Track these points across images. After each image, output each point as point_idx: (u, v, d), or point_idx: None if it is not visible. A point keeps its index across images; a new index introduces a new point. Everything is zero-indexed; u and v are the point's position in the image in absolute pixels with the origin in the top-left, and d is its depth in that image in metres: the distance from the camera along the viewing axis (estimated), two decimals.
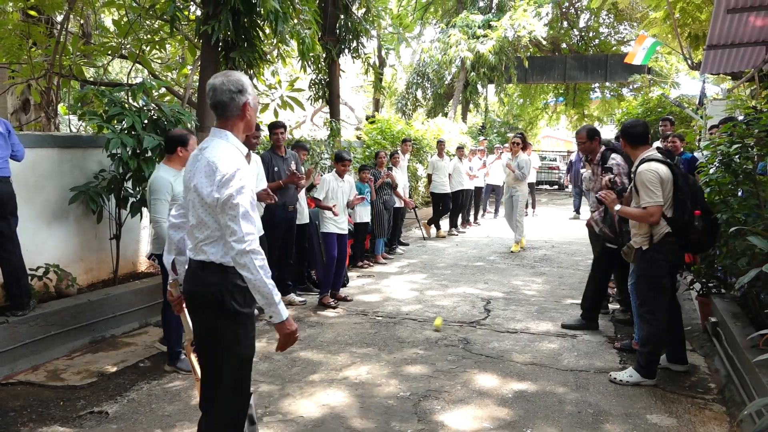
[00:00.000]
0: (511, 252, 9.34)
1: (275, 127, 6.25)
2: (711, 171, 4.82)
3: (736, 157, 4.43)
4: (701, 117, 9.59)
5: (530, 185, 14.91)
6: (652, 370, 4.06)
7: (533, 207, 14.93)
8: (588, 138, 5.35)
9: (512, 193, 9.43)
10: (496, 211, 14.30)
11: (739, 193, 4.56)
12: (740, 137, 4.39)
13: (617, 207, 4.10)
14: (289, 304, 6.18)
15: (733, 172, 4.46)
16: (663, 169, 3.86)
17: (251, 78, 6.80)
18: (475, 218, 13.20)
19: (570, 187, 14.78)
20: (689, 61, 12.79)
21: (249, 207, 2.35)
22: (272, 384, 4.06)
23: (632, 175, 4.12)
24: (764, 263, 2.99)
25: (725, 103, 8.36)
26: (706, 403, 3.78)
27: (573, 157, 14.34)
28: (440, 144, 10.88)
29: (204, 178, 2.37)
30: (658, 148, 4.56)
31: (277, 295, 2.36)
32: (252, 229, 2.33)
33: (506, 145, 12.94)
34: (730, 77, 11.36)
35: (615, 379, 4.10)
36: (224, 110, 2.45)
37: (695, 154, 7.09)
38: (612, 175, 4.75)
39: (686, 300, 6.28)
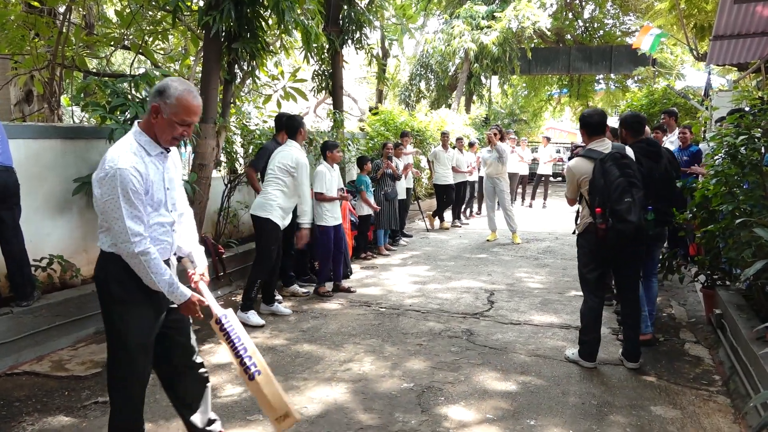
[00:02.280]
0: (517, 243, 9.36)
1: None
2: (717, 162, 4.79)
3: (743, 148, 4.39)
4: (707, 108, 9.53)
5: (546, 177, 14.99)
6: (583, 352, 4.24)
7: (545, 198, 14.96)
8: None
9: (495, 184, 9.63)
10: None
11: (745, 185, 4.53)
12: (747, 128, 4.35)
13: None
14: (292, 295, 6.19)
15: (739, 164, 4.43)
16: (580, 166, 4.10)
17: (254, 69, 6.77)
18: (479, 210, 13.19)
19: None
20: (695, 52, 12.71)
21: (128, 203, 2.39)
22: (276, 375, 4.04)
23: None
24: None
25: (731, 94, 8.31)
26: (711, 395, 3.78)
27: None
28: (444, 136, 10.84)
29: (99, 168, 2.45)
30: (647, 138, 4.59)
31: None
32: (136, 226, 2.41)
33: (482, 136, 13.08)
34: (736, 68, 11.28)
35: (566, 355, 4.40)
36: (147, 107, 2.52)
37: (701, 145, 7.05)
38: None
39: (691, 292, 6.27)
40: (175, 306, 2.62)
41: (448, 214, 11.44)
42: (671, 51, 19.48)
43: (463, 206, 12.14)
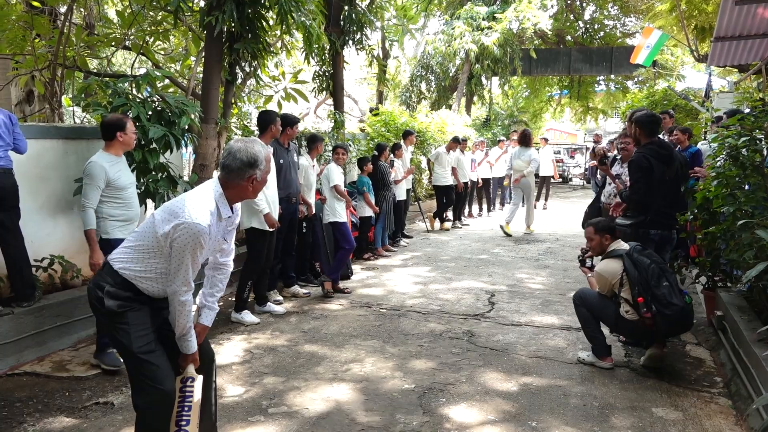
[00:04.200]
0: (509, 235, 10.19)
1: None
2: (718, 163, 4.79)
3: (744, 149, 4.39)
4: (707, 110, 9.53)
5: (547, 178, 15.00)
6: (597, 348, 4.25)
7: (546, 200, 14.92)
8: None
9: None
10: (502, 204, 14.34)
11: (746, 187, 4.53)
12: (748, 130, 4.35)
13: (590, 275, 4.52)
14: (293, 296, 6.19)
15: (740, 165, 4.43)
16: (611, 267, 4.14)
17: (255, 69, 6.77)
18: (481, 211, 13.21)
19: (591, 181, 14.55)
20: (695, 54, 12.72)
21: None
22: (277, 376, 4.06)
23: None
24: None
25: (732, 95, 8.31)
26: (712, 396, 3.77)
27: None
28: (455, 142, 10.76)
29: (164, 209, 2.55)
30: (659, 140, 4.56)
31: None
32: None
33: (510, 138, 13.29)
34: (736, 69, 11.30)
35: (579, 358, 4.36)
36: (229, 173, 2.59)
37: (699, 146, 7.04)
38: (605, 147, 4.86)
39: (692, 293, 6.26)
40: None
41: (448, 215, 11.45)
42: (672, 52, 19.48)
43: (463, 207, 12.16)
